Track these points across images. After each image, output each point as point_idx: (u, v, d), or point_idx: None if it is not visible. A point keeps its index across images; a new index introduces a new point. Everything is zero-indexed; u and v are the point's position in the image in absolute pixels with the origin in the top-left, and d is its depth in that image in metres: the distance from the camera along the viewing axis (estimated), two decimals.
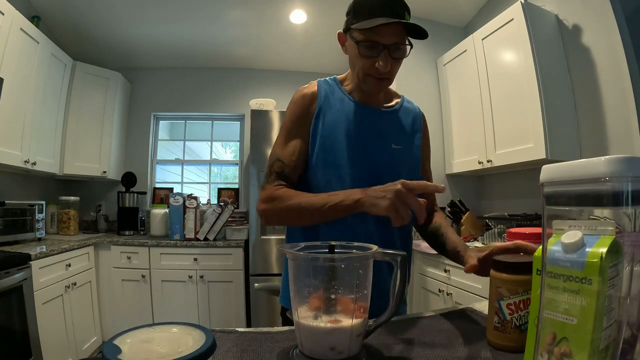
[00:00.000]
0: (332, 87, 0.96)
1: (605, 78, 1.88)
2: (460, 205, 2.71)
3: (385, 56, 0.83)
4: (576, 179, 0.40)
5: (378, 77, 0.86)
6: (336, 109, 0.92)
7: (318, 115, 0.92)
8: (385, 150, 0.92)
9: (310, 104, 0.93)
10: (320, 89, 0.95)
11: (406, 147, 0.96)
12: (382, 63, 0.83)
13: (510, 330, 0.59)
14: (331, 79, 0.99)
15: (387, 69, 0.84)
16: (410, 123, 1.00)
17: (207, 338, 0.42)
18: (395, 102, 1.01)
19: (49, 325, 2.09)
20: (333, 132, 0.90)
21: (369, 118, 0.93)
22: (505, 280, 0.60)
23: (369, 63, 0.84)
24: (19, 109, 2.33)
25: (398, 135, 0.96)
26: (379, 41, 0.82)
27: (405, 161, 0.95)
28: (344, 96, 0.94)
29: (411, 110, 1.03)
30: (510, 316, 0.59)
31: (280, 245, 0.61)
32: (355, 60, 0.87)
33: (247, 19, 3.00)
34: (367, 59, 0.84)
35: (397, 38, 0.83)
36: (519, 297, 0.58)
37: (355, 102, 0.94)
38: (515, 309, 0.59)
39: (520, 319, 0.59)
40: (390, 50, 0.83)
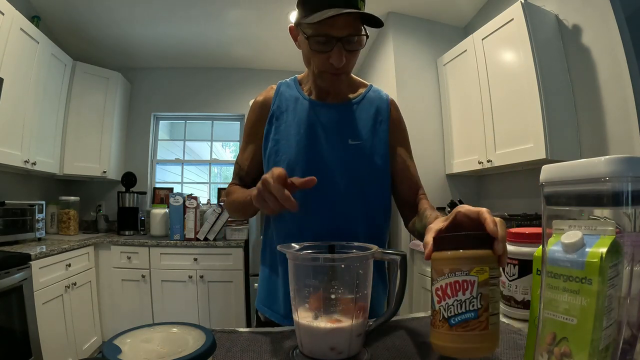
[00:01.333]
0: (291, 87, 0.95)
1: (605, 78, 1.88)
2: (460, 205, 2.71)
3: (339, 50, 0.76)
4: (576, 179, 0.40)
5: (334, 73, 0.81)
6: (290, 110, 0.90)
7: (270, 120, 0.91)
8: (339, 147, 0.87)
9: (261, 110, 0.93)
10: (277, 92, 0.94)
11: (367, 142, 0.89)
12: (335, 58, 0.77)
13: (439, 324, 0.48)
14: (291, 80, 0.97)
15: (342, 64, 0.78)
16: (373, 114, 0.92)
17: (207, 338, 0.42)
18: (359, 93, 0.94)
19: (49, 325, 2.09)
20: (284, 135, 0.88)
21: (322, 115, 0.89)
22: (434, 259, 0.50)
23: (323, 58, 0.79)
24: (19, 109, 2.33)
25: (356, 130, 0.89)
26: (330, 34, 0.75)
27: (365, 157, 0.88)
28: (299, 95, 0.92)
29: (375, 100, 0.94)
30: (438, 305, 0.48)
31: (280, 245, 0.61)
32: (309, 56, 0.82)
33: (247, 19, 3.00)
34: (319, 54, 0.79)
35: (351, 29, 0.75)
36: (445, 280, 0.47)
37: (309, 100, 0.90)
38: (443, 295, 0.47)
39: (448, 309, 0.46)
40: (344, 42, 0.76)
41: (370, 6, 3.11)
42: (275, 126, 0.90)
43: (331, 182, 0.85)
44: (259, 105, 0.94)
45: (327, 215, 0.85)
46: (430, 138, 2.85)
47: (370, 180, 0.88)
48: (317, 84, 0.88)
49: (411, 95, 2.83)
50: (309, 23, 0.74)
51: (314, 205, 0.84)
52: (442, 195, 2.82)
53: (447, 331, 0.46)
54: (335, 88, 0.88)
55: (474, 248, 0.47)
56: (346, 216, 0.86)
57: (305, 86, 0.94)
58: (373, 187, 0.89)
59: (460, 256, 0.47)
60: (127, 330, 0.44)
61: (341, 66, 0.78)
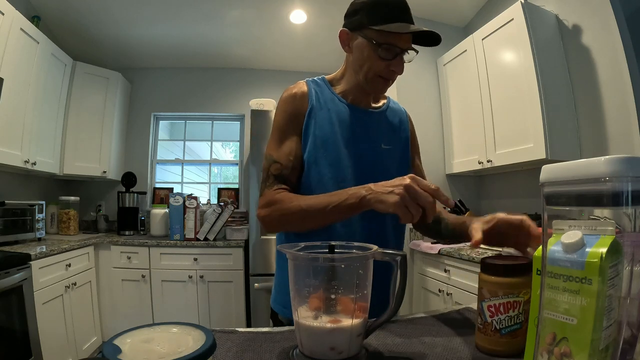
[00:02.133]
0: (322, 87, 0.96)
1: (605, 78, 1.88)
2: (460, 205, 2.71)
3: (401, 59, 0.86)
4: (576, 179, 0.40)
5: (387, 79, 0.89)
6: (327, 108, 0.92)
7: (310, 114, 0.90)
8: (375, 150, 0.93)
9: (301, 102, 0.91)
10: (310, 89, 0.94)
11: (395, 147, 0.97)
12: (398, 66, 0.86)
13: (490, 332, 0.59)
14: (320, 79, 0.98)
15: (402, 72, 0.87)
16: (398, 123, 1.01)
17: (207, 338, 0.42)
18: (382, 103, 1.02)
19: (49, 325, 2.09)
20: (325, 132, 0.90)
21: (359, 119, 0.93)
22: (486, 281, 0.60)
23: (384, 65, 0.86)
24: (19, 109, 2.33)
25: (387, 136, 0.96)
26: (398, 45, 0.84)
27: (394, 161, 0.96)
28: (334, 97, 0.94)
29: (397, 111, 1.03)
30: (491, 319, 0.59)
31: (280, 245, 0.61)
32: (366, 61, 0.87)
33: (247, 19, 3.00)
34: (383, 61, 0.85)
35: (410, 43, 0.86)
36: (498, 300, 0.58)
37: (345, 103, 0.94)
38: (495, 311, 0.58)
39: (500, 323, 0.58)
40: (405, 54, 0.87)
41: None
42: (315, 121, 0.90)
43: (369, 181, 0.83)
44: (297, 97, 0.92)
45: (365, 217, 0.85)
46: (430, 138, 2.85)
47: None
48: (363, 88, 0.92)
49: (411, 95, 2.83)
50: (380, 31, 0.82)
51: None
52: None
53: (498, 339, 0.58)
54: (382, 93, 0.95)
55: (521, 275, 0.57)
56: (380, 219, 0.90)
57: (338, 88, 0.96)
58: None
59: (513, 283, 0.57)
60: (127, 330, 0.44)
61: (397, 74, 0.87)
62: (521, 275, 0.58)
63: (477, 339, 0.62)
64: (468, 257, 1.94)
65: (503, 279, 0.58)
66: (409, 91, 2.84)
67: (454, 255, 2.07)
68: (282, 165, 0.88)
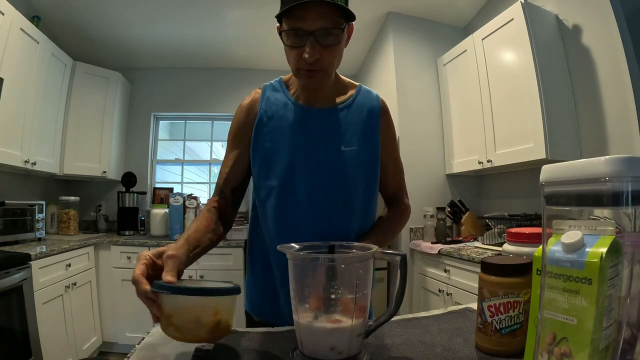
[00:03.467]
0: (277, 90, 0.90)
1: (605, 78, 1.88)
2: (460, 205, 2.71)
3: (311, 43, 0.72)
4: (576, 179, 0.40)
5: (308, 69, 0.77)
6: (278, 115, 0.86)
7: (258, 124, 0.86)
8: (333, 154, 0.85)
9: (247, 114, 0.89)
10: (263, 96, 0.89)
11: (360, 147, 0.87)
12: (307, 51, 0.73)
13: (490, 332, 0.59)
14: (276, 81, 0.92)
15: (315, 58, 0.73)
16: (365, 119, 0.89)
17: (235, 284, 0.57)
18: (349, 95, 0.90)
19: (49, 325, 2.09)
20: (275, 143, 0.85)
21: (314, 121, 0.86)
22: (486, 281, 0.60)
23: (297, 53, 0.75)
24: (19, 109, 2.33)
25: (349, 136, 0.86)
26: (302, 27, 0.72)
27: (359, 163, 0.87)
28: (287, 100, 0.88)
29: (366, 104, 0.90)
30: (491, 318, 0.59)
31: (280, 245, 0.61)
32: (286, 53, 0.79)
33: (247, 19, 3.00)
34: (293, 49, 0.75)
35: (324, 22, 0.72)
36: (499, 300, 0.58)
37: (298, 105, 0.87)
38: (496, 311, 0.58)
39: (500, 323, 0.58)
40: (318, 36, 0.72)
41: (371, 6, 3.09)
42: (264, 133, 0.86)
43: (325, 189, 0.85)
44: (244, 110, 0.89)
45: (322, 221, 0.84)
46: (430, 138, 2.85)
47: (363, 185, 0.88)
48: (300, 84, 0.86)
49: (411, 95, 2.83)
50: (285, 17, 0.73)
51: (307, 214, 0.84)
52: (442, 195, 2.82)
53: (498, 339, 0.58)
54: (314, 87, 0.83)
55: (521, 275, 0.57)
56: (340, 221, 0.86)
57: (292, 88, 0.90)
58: (366, 192, 0.89)
59: (513, 283, 0.58)
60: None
61: (313, 61, 0.74)
62: (521, 275, 0.58)
63: (477, 339, 0.62)
64: (468, 257, 1.94)
65: (503, 279, 0.58)
66: (409, 91, 2.84)
67: (454, 255, 2.07)
68: (223, 178, 0.89)
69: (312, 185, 0.84)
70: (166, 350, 0.63)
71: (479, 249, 2.06)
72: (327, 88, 0.87)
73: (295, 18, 0.72)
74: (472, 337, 0.66)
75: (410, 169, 2.73)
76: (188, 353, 0.61)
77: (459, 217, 2.69)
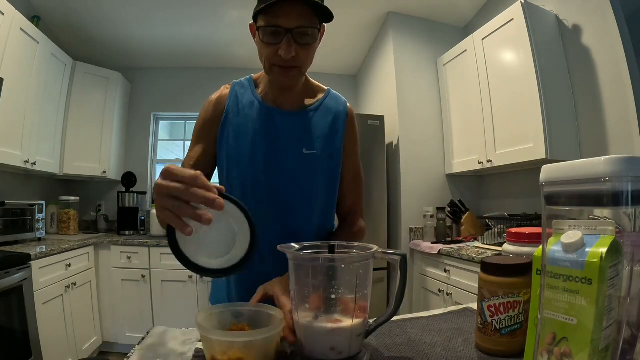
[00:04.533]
0: (245, 88, 0.91)
1: (605, 78, 1.88)
2: (460, 205, 2.71)
3: (288, 41, 0.74)
4: (576, 179, 0.40)
5: (283, 66, 0.78)
6: (244, 114, 0.87)
7: (225, 122, 0.87)
8: (295, 156, 0.86)
9: (214, 110, 0.89)
10: (232, 93, 0.90)
11: (322, 151, 0.88)
12: (284, 49, 0.74)
13: (490, 332, 0.59)
14: (246, 79, 0.93)
15: (291, 55, 0.75)
16: (330, 123, 0.90)
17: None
18: (317, 98, 0.92)
19: (49, 325, 2.09)
20: (239, 141, 0.86)
21: (278, 122, 0.86)
22: (486, 281, 0.60)
23: (273, 50, 0.76)
24: (19, 109, 2.33)
25: (312, 139, 0.87)
26: (280, 25, 0.73)
27: (321, 166, 0.88)
28: (254, 99, 0.88)
29: (332, 108, 0.91)
30: (491, 318, 0.59)
31: (280, 245, 0.61)
32: (260, 50, 0.79)
33: (247, 19, 2.97)
34: (269, 46, 0.76)
35: (302, 21, 0.74)
36: (498, 300, 0.58)
37: (264, 105, 0.88)
38: (495, 311, 0.58)
39: (500, 323, 0.58)
40: (295, 35, 0.74)
41: (370, 6, 3.08)
42: (229, 130, 0.87)
43: (285, 190, 0.86)
44: (212, 105, 0.90)
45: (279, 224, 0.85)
46: (430, 138, 2.85)
47: (322, 190, 0.89)
48: (270, 80, 0.86)
49: (411, 96, 2.83)
50: (262, 14, 0.74)
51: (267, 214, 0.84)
52: (442, 195, 2.82)
53: (498, 339, 0.58)
54: (287, 84, 0.83)
55: (521, 275, 0.57)
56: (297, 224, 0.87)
57: (261, 87, 0.91)
58: (324, 196, 0.90)
59: (513, 283, 0.57)
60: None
61: (290, 58, 0.75)
62: (521, 275, 0.58)
63: (477, 339, 0.62)
64: (468, 257, 1.94)
65: (503, 279, 0.58)
66: (409, 91, 2.84)
67: (454, 255, 2.07)
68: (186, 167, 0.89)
69: (271, 185, 0.85)
70: (166, 351, 0.63)
71: (479, 249, 2.06)
72: (297, 88, 0.88)
73: (274, 15, 0.73)
74: (472, 337, 0.66)
75: (410, 169, 2.75)
76: (188, 353, 0.61)
77: (459, 217, 2.69)
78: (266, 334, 0.51)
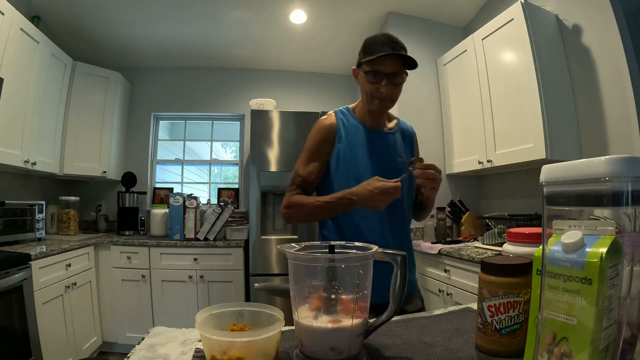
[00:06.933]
0: (347, 115, 1.20)
1: (605, 78, 1.88)
2: (460, 205, 2.71)
3: (387, 82, 1.07)
4: (576, 179, 0.40)
5: (382, 99, 1.10)
6: (352, 133, 1.16)
7: (339, 140, 1.15)
8: (393, 162, 1.17)
9: (329, 132, 1.16)
10: (338, 119, 1.18)
11: (407, 159, 1.19)
12: (384, 87, 1.07)
13: (490, 332, 0.59)
14: (345, 109, 1.22)
15: (389, 92, 1.08)
16: (408, 140, 1.25)
17: None
18: (394, 123, 1.25)
19: (49, 325, 2.09)
20: (351, 151, 1.14)
21: (378, 139, 1.18)
22: (486, 281, 0.60)
23: (375, 87, 1.09)
24: (19, 109, 2.33)
25: (400, 151, 1.21)
26: (381, 70, 1.07)
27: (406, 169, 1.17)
28: (357, 123, 1.18)
29: (406, 130, 1.27)
30: (491, 319, 0.59)
31: (281, 245, 0.61)
32: (364, 87, 1.12)
33: (247, 19, 3.00)
34: (372, 85, 1.09)
35: (396, 68, 1.07)
36: (498, 300, 0.58)
37: (366, 127, 1.18)
38: (495, 311, 0.58)
39: (500, 323, 0.58)
40: (391, 78, 1.07)
41: (371, 6, 3.08)
42: (342, 144, 1.14)
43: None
44: (326, 128, 1.16)
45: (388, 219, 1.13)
46: (430, 138, 2.85)
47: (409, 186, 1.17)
48: (370, 109, 1.14)
49: (411, 95, 2.83)
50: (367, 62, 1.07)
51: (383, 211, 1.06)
52: (442, 195, 2.81)
53: (498, 339, 0.59)
54: (382, 111, 1.17)
55: (521, 275, 0.58)
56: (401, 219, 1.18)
57: (359, 115, 1.19)
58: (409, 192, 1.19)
59: (513, 283, 0.58)
60: None
61: (387, 94, 1.09)
62: (521, 275, 0.58)
63: (477, 339, 0.62)
64: (468, 257, 1.94)
65: (503, 279, 0.58)
66: (409, 91, 2.83)
67: (454, 255, 2.07)
68: (303, 179, 1.15)
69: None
70: (166, 351, 0.63)
71: (479, 249, 2.06)
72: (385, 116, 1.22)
73: (377, 63, 1.06)
74: (472, 337, 0.66)
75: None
76: (188, 353, 0.61)
77: (459, 217, 2.69)
78: (266, 334, 0.51)
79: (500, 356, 0.58)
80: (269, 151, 2.76)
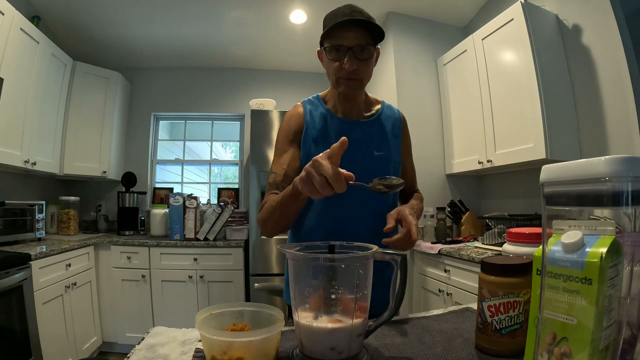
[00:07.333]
0: (316, 105, 1.06)
1: (605, 78, 1.88)
2: (460, 205, 2.71)
3: (350, 57, 0.92)
4: (576, 179, 0.40)
5: (347, 78, 0.94)
6: (320, 125, 1.02)
7: (306, 131, 1.02)
8: (366, 158, 1.01)
9: (296, 122, 1.03)
10: (305, 109, 1.05)
11: (388, 153, 1.05)
12: (347, 63, 0.91)
13: (490, 332, 0.59)
14: (314, 97, 1.08)
15: (352, 68, 0.92)
16: (390, 129, 1.08)
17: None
18: (375, 109, 1.09)
19: (49, 325, 2.09)
20: (318, 146, 0.99)
21: (350, 130, 1.01)
22: (486, 281, 0.60)
23: (337, 66, 0.93)
24: (19, 109, 2.33)
25: (379, 143, 1.04)
26: (342, 44, 0.91)
27: (388, 165, 1.03)
28: (327, 113, 1.04)
29: (390, 116, 1.10)
30: (491, 319, 0.59)
31: (281, 245, 0.61)
32: (327, 67, 0.98)
33: (247, 19, 3.00)
34: (334, 62, 0.94)
35: (360, 40, 0.91)
36: (499, 300, 0.58)
37: (336, 117, 1.03)
38: (496, 311, 0.58)
39: (500, 323, 0.58)
40: (355, 51, 0.91)
41: (370, 6, 3.10)
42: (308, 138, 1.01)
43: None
44: (294, 117, 1.04)
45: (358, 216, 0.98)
46: (430, 138, 2.85)
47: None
48: (338, 93, 1.00)
49: (411, 95, 2.83)
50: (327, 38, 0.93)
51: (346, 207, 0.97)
52: (442, 195, 2.82)
53: (498, 338, 0.59)
54: (351, 94, 0.99)
55: (521, 275, 0.58)
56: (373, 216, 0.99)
57: (330, 103, 1.05)
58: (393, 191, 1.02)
59: (513, 283, 0.58)
60: None
61: (352, 70, 0.92)
62: (521, 275, 0.58)
63: (477, 339, 0.62)
64: (468, 257, 1.94)
65: (503, 279, 0.58)
66: (409, 91, 2.84)
67: (454, 255, 2.07)
68: (276, 174, 1.00)
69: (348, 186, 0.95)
70: (166, 351, 0.63)
71: (479, 249, 2.06)
72: (360, 100, 1.05)
73: (336, 37, 0.92)
74: (472, 337, 0.66)
75: None
76: (188, 353, 0.61)
77: (459, 217, 2.69)
78: (266, 334, 0.51)
79: (500, 356, 0.58)
80: (269, 151, 2.76)
